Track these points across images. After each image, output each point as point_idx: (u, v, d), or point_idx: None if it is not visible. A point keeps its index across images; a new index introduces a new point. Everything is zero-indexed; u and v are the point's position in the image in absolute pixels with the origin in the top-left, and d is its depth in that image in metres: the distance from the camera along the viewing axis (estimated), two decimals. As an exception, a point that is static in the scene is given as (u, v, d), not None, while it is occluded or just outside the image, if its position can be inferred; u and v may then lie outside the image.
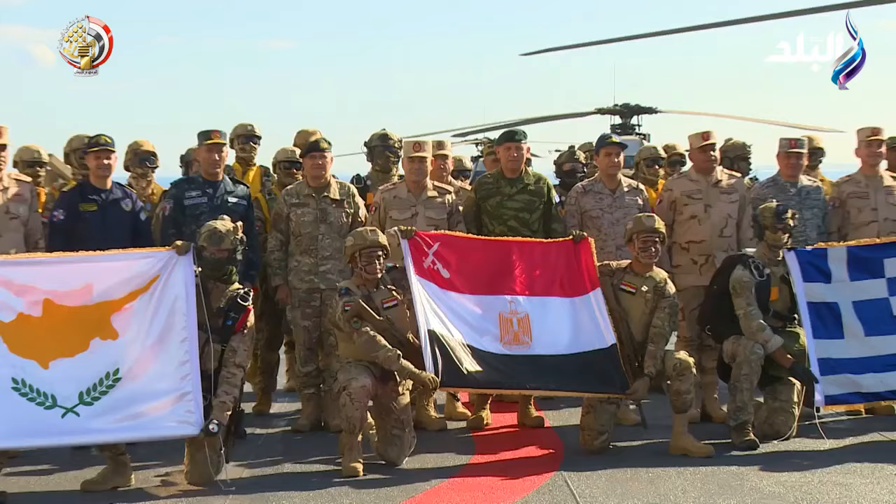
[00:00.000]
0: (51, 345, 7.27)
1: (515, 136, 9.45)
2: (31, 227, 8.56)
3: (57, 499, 7.05)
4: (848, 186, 9.69)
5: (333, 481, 7.34)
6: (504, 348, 8.13)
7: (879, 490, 7.00)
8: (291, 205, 8.94)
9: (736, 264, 8.43)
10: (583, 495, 6.89)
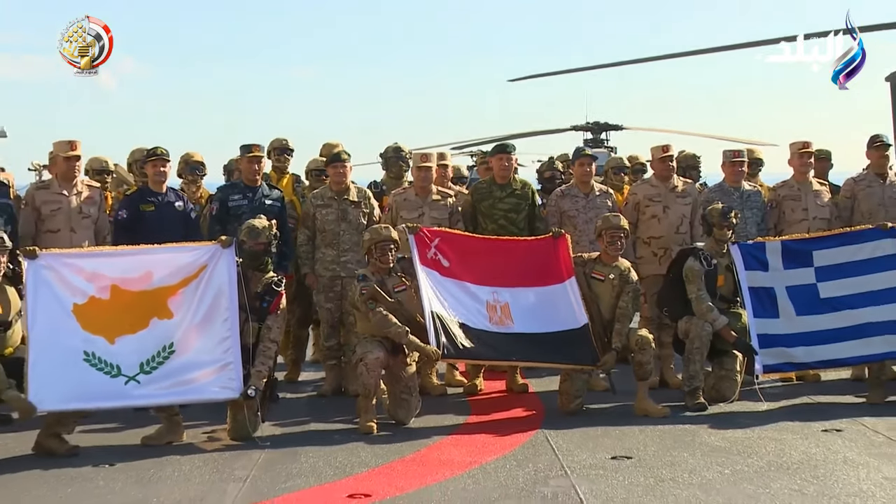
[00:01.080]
0: (116, 323, 7.33)
1: (506, 149, 9.56)
2: (100, 225, 8.67)
3: (121, 452, 7.04)
4: (783, 190, 9.74)
5: (352, 437, 7.39)
6: (492, 327, 8.17)
7: (807, 444, 7.05)
8: (317, 206, 8.99)
9: (688, 256, 8.49)
10: (560, 449, 6.94)
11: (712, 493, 5.96)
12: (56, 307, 7.25)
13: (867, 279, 8.48)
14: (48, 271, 7.30)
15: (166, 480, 6.41)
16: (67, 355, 7.17)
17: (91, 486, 6.37)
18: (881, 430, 7.42)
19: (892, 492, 5.96)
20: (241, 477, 6.42)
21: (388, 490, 6.11)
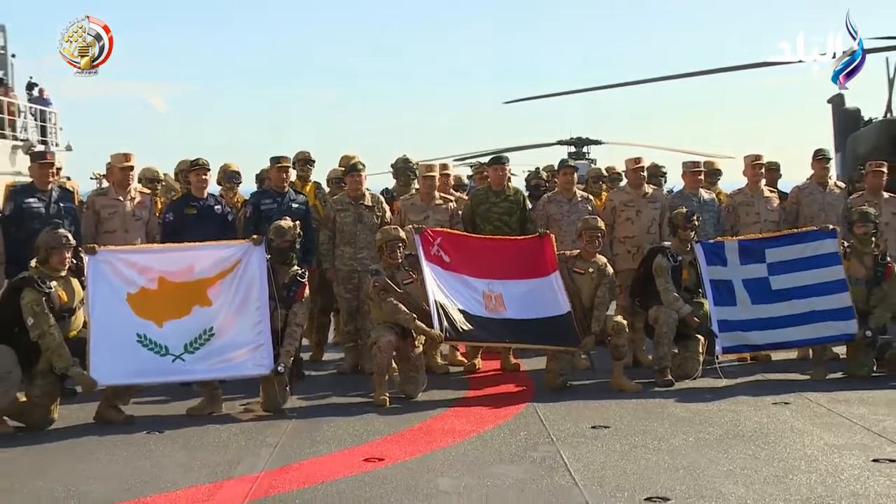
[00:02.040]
0: (164, 309, 7.34)
1: (501, 160, 9.62)
2: (150, 226, 8.67)
3: (169, 421, 7.08)
4: (738, 197, 9.75)
5: (367, 409, 7.40)
6: (488, 313, 8.15)
7: (760, 415, 7.08)
8: (336, 210, 9.01)
9: (657, 254, 8.51)
10: (547, 419, 6.96)
11: (678, 458, 5.97)
12: (112, 296, 7.27)
13: (811, 273, 8.48)
14: (105, 265, 7.33)
15: (208, 446, 6.43)
16: (122, 337, 7.19)
17: (144, 450, 6.39)
18: (823, 402, 7.43)
19: (832, 455, 5.98)
20: (271, 443, 6.43)
21: (399, 455, 6.12)
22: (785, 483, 5.44)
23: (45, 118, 27.47)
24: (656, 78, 23.03)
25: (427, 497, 5.23)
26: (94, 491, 5.45)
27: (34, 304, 6.93)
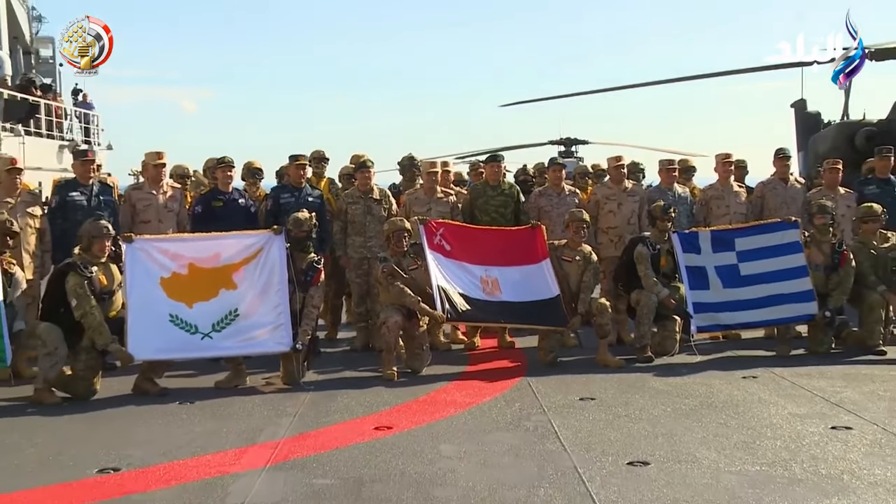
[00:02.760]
0: (193, 292, 7.33)
1: (497, 158, 9.61)
2: (181, 217, 8.65)
3: (199, 393, 7.08)
4: (710, 191, 9.73)
5: (377, 382, 7.39)
6: (485, 296, 8.13)
7: (730, 388, 7.07)
8: (348, 203, 8.98)
9: (638, 243, 8.48)
10: (539, 392, 6.95)
11: (657, 426, 5.97)
12: (147, 280, 7.27)
13: (776, 260, 8.46)
14: (141, 252, 7.33)
15: (234, 415, 6.43)
16: (156, 317, 7.19)
17: (176, 419, 6.40)
18: (787, 376, 7.43)
19: (795, 423, 5.99)
20: (291, 413, 6.43)
21: (406, 423, 6.13)
22: (753, 448, 5.44)
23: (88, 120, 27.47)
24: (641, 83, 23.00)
25: (431, 461, 5.22)
26: (133, 455, 5.45)
27: (77, 287, 6.95)
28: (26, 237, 7.90)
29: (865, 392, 6.88)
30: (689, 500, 4.52)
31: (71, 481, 5.03)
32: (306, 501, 4.58)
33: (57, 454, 5.55)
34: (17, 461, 5.45)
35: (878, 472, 4.99)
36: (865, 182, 10.11)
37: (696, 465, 5.12)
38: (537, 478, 4.89)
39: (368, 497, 4.62)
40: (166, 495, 4.73)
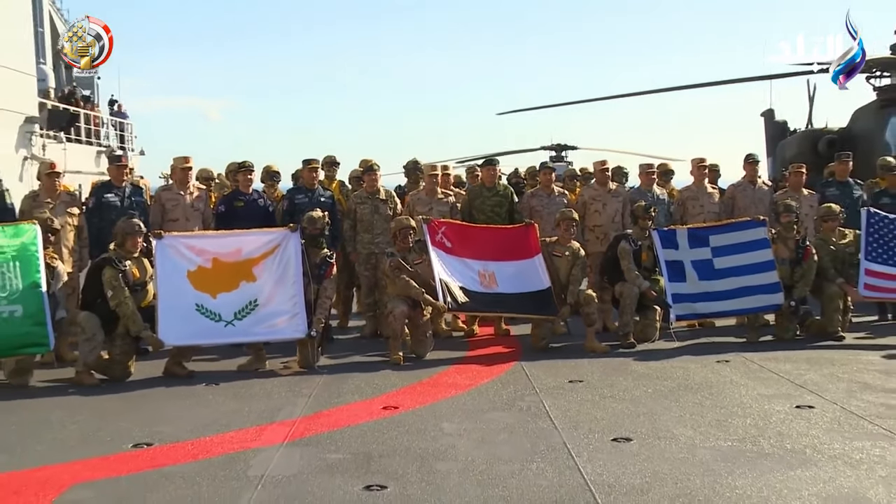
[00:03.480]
0: (217, 284, 7.30)
1: (492, 162, 9.62)
2: (206, 216, 8.63)
3: (223, 376, 7.08)
4: (686, 193, 9.75)
5: (385, 366, 7.38)
6: (483, 289, 8.10)
7: (705, 371, 7.05)
8: (357, 203, 8.98)
9: (621, 240, 8.47)
10: (532, 375, 6.92)
11: (639, 406, 5.96)
12: (175, 273, 7.24)
13: (746, 255, 8.43)
14: (170, 248, 7.30)
15: (255, 396, 6.41)
16: (184, 306, 7.17)
17: (202, 399, 6.40)
18: (756, 360, 7.41)
19: (763, 403, 5.98)
20: (306, 394, 6.41)
21: (411, 403, 6.11)
22: (725, 426, 5.43)
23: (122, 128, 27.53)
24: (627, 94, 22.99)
25: (434, 438, 5.21)
26: (164, 431, 5.45)
27: (112, 280, 6.96)
28: (65, 234, 7.92)
29: (826, 374, 6.87)
30: (668, 473, 4.51)
31: (109, 455, 5.03)
32: (320, 474, 4.56)
33: (96, 430, 5.55)
34: (61, 436, 5.45)
35: (836, 446, 4.99)
36: (826, 184, 10.18)
37: (673, 441, 5.11)
38: (530, 453, 4.88)
39: (377, 470, 4.60)
40: (194, 468, 4.72)
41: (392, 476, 4.50)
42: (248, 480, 4.47)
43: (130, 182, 8.74)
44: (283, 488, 4.35)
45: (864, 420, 5.55)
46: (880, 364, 7.28)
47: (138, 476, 4.62)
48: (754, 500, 4.14)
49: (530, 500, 4.15)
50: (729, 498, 4.16)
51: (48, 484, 4.49)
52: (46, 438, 5.40)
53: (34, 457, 5.01)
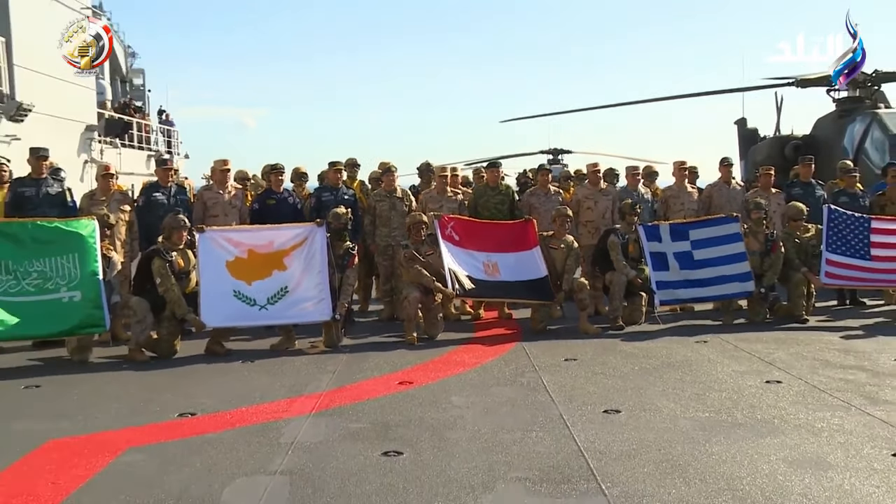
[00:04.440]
0: (252, 273, 7.28)
1: (496, 164, 9.56)
2: (242, 213, 8.56)
3: (257, 354, 7.07)
4: (668, 192, 9.66)
5: (400, 346, 7.34)
6: (487, 277, 8.03)
7: (686, 350, 7.01)
8: (376, 201, 8.92)
9: (610, 234, 8.40)
10: (531, 353, 6.89)
11: (627, 381, 5.92)
12: (215, 263, 7.21)
13: (722, 248, 8.37)
14: (210, 241, 7.27)
15: (285, 372, 6.40)
16: (223, 292, 7.14)
17: (238, 374, 6.38)
18: (731, 341, 7.36)
19: (737, 379, 5.94)
20: (331, 370, 6.39)
21: (424, 379, 6.09)
22: (703, 399, 5.39)
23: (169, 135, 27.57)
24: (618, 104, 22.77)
25: (444, 409, 5.18)
26: (205, 402, 5.44)
27: (160, 269, 6.96)
28: (119, 228, 7.91)
29: (792, 353, 6.81)
30: (653, 441, 4.47)
31: (158, 423, 5.03)
32: (343, 442, 4.54)
33: (147, 401, 5.54)
34: (116, 406, 5.44)
35: (801, 416, 4.95)
36: (792, 185, 10.12)
37: (657, 412, 5.07)
38: (530, 423, 4.85)
39: (394, 438, 4.58)
40: (232, 435, 4.70)
41: (407, 443, 4.48)
42: (279, 446, 4.45)
43: (176, 182, 8.69)
44: (311, 453, 4.33)
45: (825, 393, 5.51)
46: (839, 344, 7.23)
47: (183, 441, 4.62)
48: (729, 464, 4.10)
49: (530, 464, 4.12)
50: (706, 463, 4.12)
51: (106, 447, 4.49)
52: (104, 408, 5.40)
53: (93, 423, 5.01)
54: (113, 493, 3.82)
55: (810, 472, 4.00)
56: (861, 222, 8.66)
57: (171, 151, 26.58)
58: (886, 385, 5.73)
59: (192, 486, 3.89)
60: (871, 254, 8.52)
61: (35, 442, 4.59)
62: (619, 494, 3.71)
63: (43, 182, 7.90)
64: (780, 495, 3.71)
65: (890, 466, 4.10)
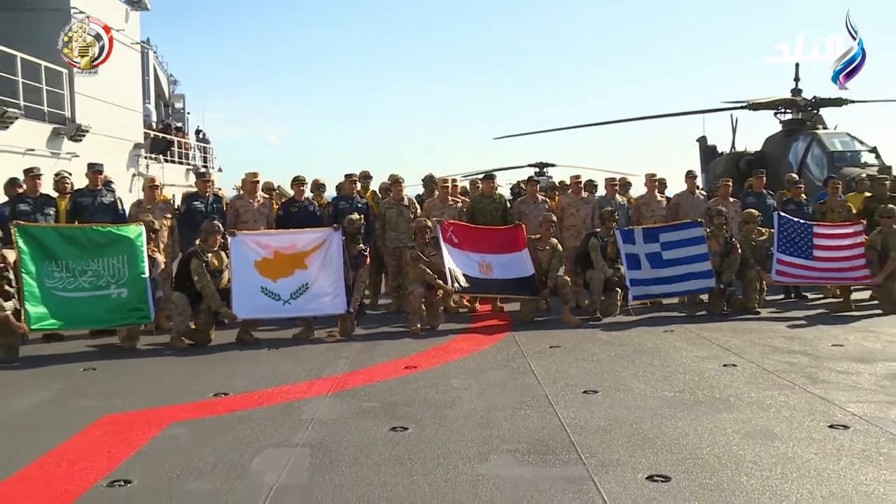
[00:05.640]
0: (277, 271, 7.26)
1: (491, 176, 9.65)
2: (269, 219, 8.54)
3: (281, 342, 7.05)
4: (640, 200, 9.66)
5: (406, 335, 7.32)
6: (482, 275, 8.02)
7: (655, 339, 6.98)
8: (386, 208, 8.90)
9: (591, 236, 8.40)
10: (521, 342, 6.87)
11: (604, 366, 5.92)
12: (245, 263, 7.20)
13: (687, 249, 8.35)
14: (241, 243, 7.26)
15: (306, 357, 6.39)
16: (252, 289, 7.13)
17: (264, 359, 6.38)
18: (694, 330, 7.35)
19: (699, 363, 5.92)
20: (346, 356, 6.38)
21: (427, 364, 6.07)
22: (669, 380, 5.39)
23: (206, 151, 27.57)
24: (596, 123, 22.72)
25: (445, 391, 5.18)
26: (237, 384, 5.44)
27: (198, 268, 6.96)
28: (163, 233, 7.91)
29: (746, 340, 6.81)
30: (626, 417, 4.47)
31: (196, 401, 5.03)
32: (357, 418, 4.54)
33: (185, 382, 5.54)
34: (160, 387, 5.45)
35: (753, 395, 4.96)
36: (747, 195, 10.13)
37: (630, 392, 5.07)
38: (519, 402, 4.84)
39: (401, 415, 4.58)
40: (260, 412, 4.70)
41: (412, 420, 4.47)
42: (300, 422, 4.45)
43: (212, 193, 8.71)
44: (328, 429, 4.33)
45: (773, 375, 5.51)
46: (786, 332, 7.22)
47: (218, 417, 4.62)
48: (691, 436, 4.10)
49: (519, 438, 4.12)
50: (671, 435, 4.12)
51: (152, 421, 4.50)
52: (150, 388, 5.40)
53: (141, 401, 5.02)
54: (158, 462, 3.83)
55: (760, 442, 4.01)
56: (805, 227, 8.67)
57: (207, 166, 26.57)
58: (824, 367, 5.74)
59: (226, 455, 3.89)
60: (813, 255, 8.54)
61: (92, 417, 4.60)
62: (596, 464, 3.71)
63: (98, 193, 7.93)
64: (735, 462, 3.72)
65: (826, 436, 4.12)
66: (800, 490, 3.38)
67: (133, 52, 18.50)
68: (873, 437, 4.10)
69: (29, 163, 9.39)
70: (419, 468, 3.68)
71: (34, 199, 7.62)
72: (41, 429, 4.43)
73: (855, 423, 4.32)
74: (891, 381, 5.30)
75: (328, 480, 3.54)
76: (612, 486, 3.41)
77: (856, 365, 5.80)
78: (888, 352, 6.32)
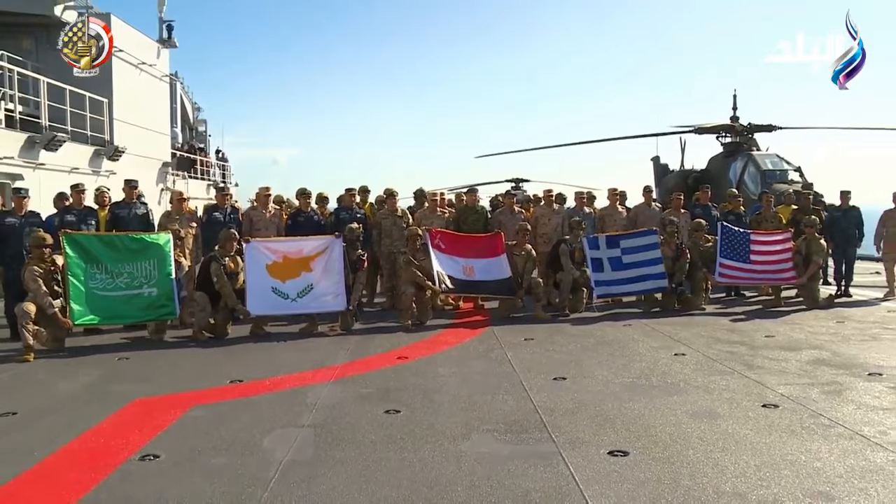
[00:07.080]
0: (285, 274, 7.20)
1: (473, 191, 9.62)
2: (279, 228, 8.47)
3: (289, 335, 7.01)
4: (604, 211, 9.69)
5: (398, 329, 7.30)
6: (466, 277, 8.00)
7: (615, 332, 7.01)
8: (381, 218, 8.84)
9: (561, 243, 8.43)
10: (499, 336, 6.85)
11: (571, 356, 5.92)
12: (258, 266, 7.15)
13: (644, 254, 8.38)
14: (254, 249, 7.21)
15: (311, 349, 6.36)
16: (263, 289, 7.08)
17: (273, 350, 6.34)
18: (649, 324, 7.39)
19: (654, 353, 5.93)
20: (346, 348, 6.35)
21: (417, 355, 6.05)
22: (628, 368, 5.40)
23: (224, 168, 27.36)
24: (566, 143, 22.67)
25: (433, 378, 5.16)
26: (252, 372, 5.40)
27: (217, 271, 6.92)
28: (188, 240, 7.84)
29: (694, 333, 6.84)
30: (590, 400, 4.47)
31: (215, 387, 4.99)
32: (355, 402, 4.52)
33: (206, 370, 5.51)
34: (181, 374, 5.42)
35: (700, 380, 4.98)
36: (695, 206, 10.17)
37: (594, 379, 5.08)
38: (497, 388, 4.83)
39: (394, 399, 4.56)
40: (271, 397, 4.67)
41: (404, 404, 4.46)
42: (307, 406, 4.42)
43: (230, 205, 8.65)
44: (331, 412, 4.30)
45: (716, 362, 5.53)
46: (728, 325, 7.27)
47: (235, 401, 4.59)
48: (647, 417, 4.11)
49: (497, 419, 4.11)
50: (629, 416, 4.13)
51: (177, 404, 4.47)
52: (175, 375, 5.38)
53: (167, 386, 4.99)
54: (183, 440, 3.81)
55: (705, 421, 4.03)
56: (744, 235, 8.74)
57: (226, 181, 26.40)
58: (759, 355, 5.78)
59: (241, 434, 3.87)
60: (750, 259, 8.61)
61: (126, 399, 4.58)
62: (565, 441, 3.71)
63: (133, 205, 7.88)
64: (683, 438, 3.74)
65: (760, 414, 4.16)
66: (737, 461, 3.41)
67: (163, 83, 18.66)
68: (798, 414, 4.16)
69: (74, 179, 9.33)
70: (410, 445, 3.67)
71: (79, 211, 7.58)
72: (84, 408, 4.44)
73: (783, 403, 4.37)
74: (813, 366, 5.37)
75: (330, 456, 3.53)
76: (578, 460, 3.42)
77: (784, 353, 5.86)
78: (811, 341, 6.39)
